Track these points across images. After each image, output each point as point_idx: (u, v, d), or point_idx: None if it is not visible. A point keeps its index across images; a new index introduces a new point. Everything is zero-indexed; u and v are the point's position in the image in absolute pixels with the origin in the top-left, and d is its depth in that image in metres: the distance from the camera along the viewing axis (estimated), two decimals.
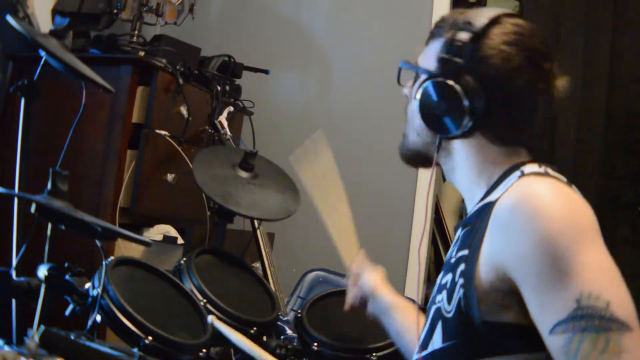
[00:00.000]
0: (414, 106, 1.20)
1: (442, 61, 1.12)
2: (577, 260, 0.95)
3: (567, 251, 0.96)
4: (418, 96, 1.15)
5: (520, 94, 1.12)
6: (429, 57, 1.19)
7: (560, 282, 0.95)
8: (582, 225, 0.99)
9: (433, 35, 1.21)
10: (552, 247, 0.96)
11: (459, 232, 1.17)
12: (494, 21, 1.12)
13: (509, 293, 1.01)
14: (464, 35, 1.11)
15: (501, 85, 1.10)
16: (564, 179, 1.08)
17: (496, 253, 1.02)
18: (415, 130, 1.22)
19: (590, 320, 0.92)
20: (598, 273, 0.95)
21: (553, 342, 0.95)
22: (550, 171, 1.10)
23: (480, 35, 1.11)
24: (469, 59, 1.10)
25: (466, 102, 1.09)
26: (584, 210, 1.02)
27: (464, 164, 1.18)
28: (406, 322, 1.39)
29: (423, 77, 1.18)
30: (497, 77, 1.10)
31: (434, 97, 1.12)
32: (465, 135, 1.13)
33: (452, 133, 1.13)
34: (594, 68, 3.45)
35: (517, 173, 1.09)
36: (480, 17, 1.13)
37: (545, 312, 0.96)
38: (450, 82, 1.10)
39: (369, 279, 1.48)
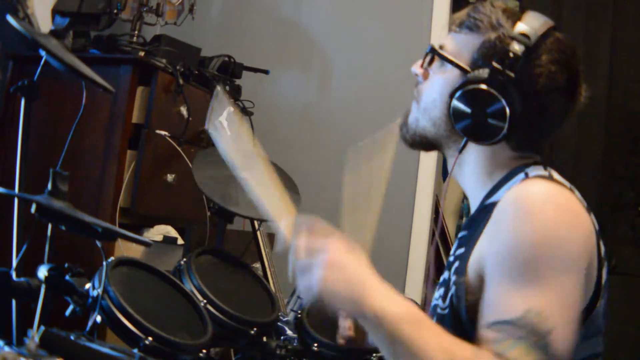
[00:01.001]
0: (435, 94, 1.18)
1: (493, 69, 1.07)
2: (546, 275, 0.95)
3: (541, 262, 0.95)
4: (456, 96, 1.10)
5: (554, 112, 1.12)
6: (461, 50, 1.15)
7: (520, 287, 0.95)
8: (568, 243, 0.98)
9: (466, 25, 1.16)
10: (529, 252, 0.96)
11: (461, 233, 1.17)
12: (544, 35, 1.09)
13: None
14: (518, 48, 1.07)
15: (540, 102, 1.10)
16: (567, 183, 1.08)
17: (481, 247, 1.03)
18: (432, 119, 1.18)
19: (529, 334, 0.92)
20: (557, 299, 0.95)
21: (485, 335, 0.95)
22: (554, 175, 1.09)
23: (533, 49, 1.08)
24: (520, 73, 1.07)
25: (507, 115, 1.06)
26: (577, 224, 1.01)
27: (475, 163, 1.17)
28: None
29: (454, 70, 1.15)
30: (539, 94, 1.09)
31: (476, 103, 1.08)
32: (492, 143, 1.11)
33: (483, 141, 1.11)
34: (594, 68, 3.45)
35: (522, 175, 1.09)
36: (533, 28, 1.09)
37: (492, 307, 0.97)
38: (498, 94, 1.06)
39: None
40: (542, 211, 0.98)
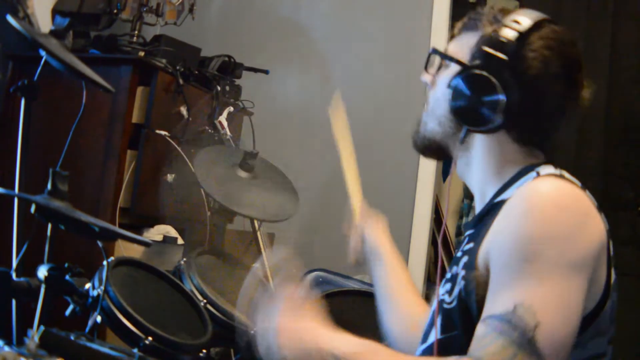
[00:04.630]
0: (438, 94, 1.20)
1: (485, 55, 1.10)
2: (543, 270, 0.95)
3: (539, 257, 0.95)
4: (451, 85, 1.13)
5: (552, 99, 1.12)
6: (462, 48, 1.18)
7: (515, 281, 0.96)
8: (572, 242, 0.98)
9: (466, 27, 1.20)
10: (527, 247, 0.96)
11: (469, 231, 1.17)
12: (538, 24, 1.12)
13: None
14: (510, 33, 1.10)
15: (536, 88, 1.10)
16: (579, 183, 1.08)
17: (489, 242, 1.03)
18: (437, 118, 1.20)
19: (513, 329, 0.92)
20: (551, 296, 0.94)
21: (478, 329, 0.97)
22: (565, 174, 1.09)
23: (525, 35, 1.10)
24: (512, 56, 1.09)
25: (502, 99, 1.08)
26: (585, 223, 1.00)
27: (482, 159, 1.18)
28: (394, 286, 1.39)
29: (453, 65, 1.17)
30: (534, 79, 1.10)
31: (470, 88, 1.11)
32: (492, 130, 1.12)
33: (481, 127, 1.12)
34: (594, 68, 3.45)
35: (533, 174, 1.09)
36: (526, 17, 1.12)
37: (490, 301, 0.98)
38: (490, 76, 1.09)
39: (371, 229, 1.46)
40: (547, 208, 0.99)
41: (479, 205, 1.20)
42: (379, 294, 1.41)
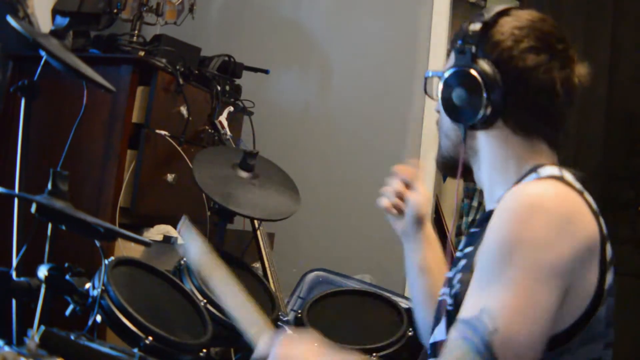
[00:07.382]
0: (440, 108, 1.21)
1: (456, 51, 1.13)
2: (511, 276, 0.94)
3: (510, 262, 0.94)
4: (439, 92, 1.15)
5: (536, 74, 1.10)
6: (449, 65, 1.19)
7: (486, 285, 0.96)
8: (549, 249, 0.95)
9: (452, 46, 1.21)
10: (501, 251, 0.96)
11: (472, 230, 1.17)
12: (504, 12, 1.14)
13: None
14: (475, 26, 1.12)
15: (514, 67, 1.10)
16: (578, 185, 1.07)
17: (480, 245, 1.04)
18: (445, 133, 1.21)
19: (475, 334, 0.92)
20: (515, 301, 0.93)
21: (450, 332, 0.98)
22: (566, 175, 1.08)
23: (490, 23, 1.12)
24: (482, 45, 1.11)
25: (483, 86, 1.09)
26: (568, 229, 0.97)
27: (488, 159, 1.17)
28: (431, 289, 1.34)
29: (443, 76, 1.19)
30: (510, 59, 1.10)
31: (454, 87, 1.13)
32: (487, 123, 1.12)
33: (474, 120, 1.11)
34: (594, 67, 3.44)
35: (534, 175, 1.09)
36: (493, 9, 1.15)
37: (464, 304, 0.98)
38: (466, 69, 1.11)
39: (420, 202, 1.38)
40: (525, 211, 0.97)
41: (488, 206, 1.19)
42: (411, 266, 1.39)
